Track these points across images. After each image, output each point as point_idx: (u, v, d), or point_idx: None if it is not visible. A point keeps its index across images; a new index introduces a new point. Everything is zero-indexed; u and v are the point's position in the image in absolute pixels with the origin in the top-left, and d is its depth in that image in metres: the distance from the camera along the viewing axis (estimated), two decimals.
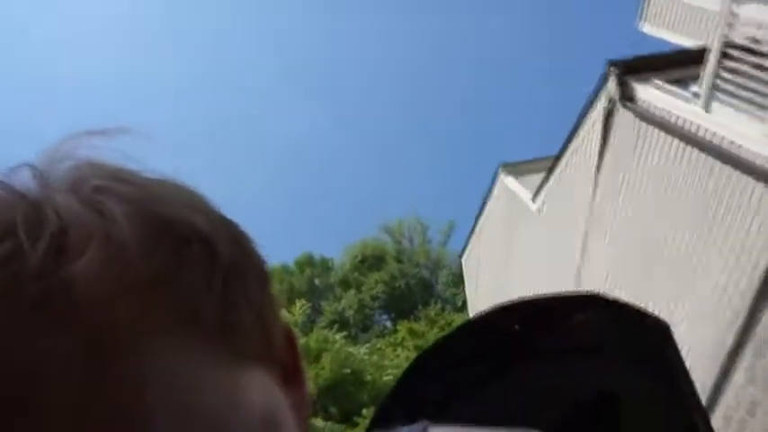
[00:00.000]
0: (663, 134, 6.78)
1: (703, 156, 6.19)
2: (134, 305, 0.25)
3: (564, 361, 2.23)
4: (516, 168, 11.28)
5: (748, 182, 5.65)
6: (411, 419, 0.48)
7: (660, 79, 7.24)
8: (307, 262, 31.14)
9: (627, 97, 7.36)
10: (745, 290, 5.83)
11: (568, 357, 2.26)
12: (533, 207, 10.16)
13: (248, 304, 0.30)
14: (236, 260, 0.30)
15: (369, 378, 21.21)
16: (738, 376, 6.09)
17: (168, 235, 0.27)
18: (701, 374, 6.14)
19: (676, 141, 6.60)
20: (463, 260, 13.98)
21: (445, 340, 2.41)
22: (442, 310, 25.38)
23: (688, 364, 2.59)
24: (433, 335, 16.81)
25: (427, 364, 2.19)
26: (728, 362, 6.11)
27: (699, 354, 6.28)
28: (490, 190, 11.84)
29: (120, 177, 0.29)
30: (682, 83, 7.09)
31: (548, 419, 2.28)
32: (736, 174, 5.81)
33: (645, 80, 7.31)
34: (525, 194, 10.48)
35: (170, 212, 0.28)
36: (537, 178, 10.18)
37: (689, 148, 6.41)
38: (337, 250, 32.88)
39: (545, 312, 2.26)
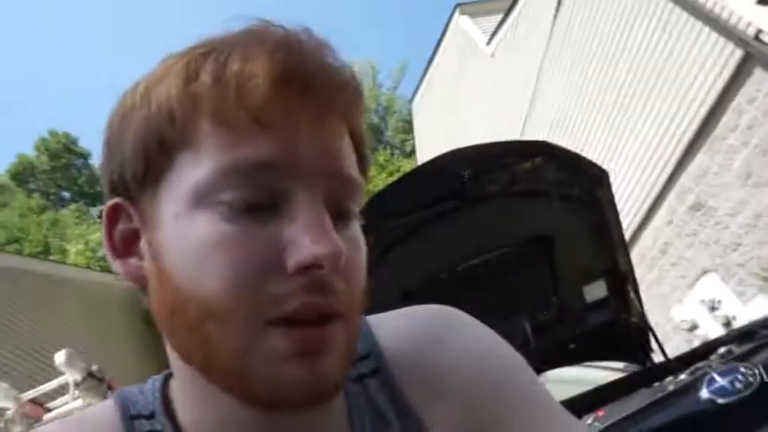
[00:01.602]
0: None
1: (660, 8, 6.02)
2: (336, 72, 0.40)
3: (509, 205, 2.30)
4: (472, 8, 10.72)
5: (700, 34, 5.61)
6: None
7: None
8: None
9: None
10: (678, 140, 6.11)
11: (513, 202, 2.34)
12: (488, 50, 9.88)
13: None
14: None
15: None
16: (659, 219, 6.65)
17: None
18: (629, 216, 6.66)
19: None
20: (413, 105, 13.82)
21: (399, 183, 2.42)
22: (392, 155, 25.67)
23: (621, 207, 2.70)
24: (382, 180, 17.17)
25: (380, 206, 2.22)
26: (653, 205, 6.62)
27: (630, 197, 6.74)
28: (444, 32, 11.34)
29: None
30: None
31: (490, 256, 2.41)
32: (688, 25, 5.74)
33: None
34: (480, 37, 10.12)
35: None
36: (494, 20, 9.77)
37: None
38: None
39: (495, 159, 2.28)
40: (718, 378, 1.35)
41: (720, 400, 1.29)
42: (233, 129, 0.36)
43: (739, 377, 1.32)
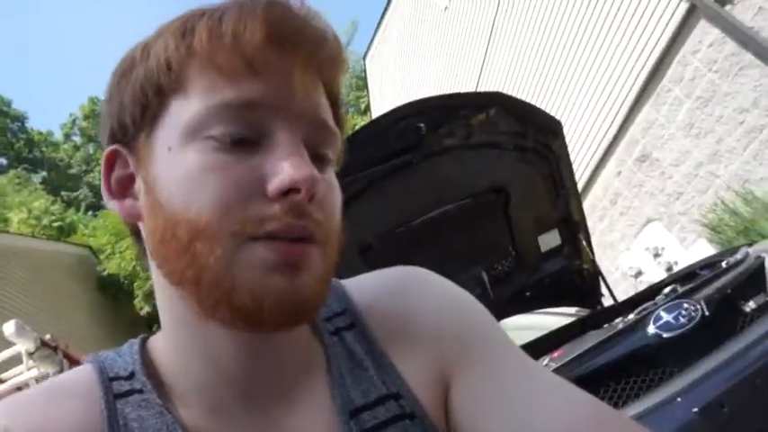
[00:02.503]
0: None
1: None
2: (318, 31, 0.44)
3: (465, 157, 2.31)
4: None
5: None
6: None
7: None
8: None
9: None
10: (627, 92, 6.25)
11: (469, 153, 2.34)
12: (441, 3, 9.73)
13: None
14: None
15: None
16: (609, 170, 6.86)
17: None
18: (581, 167, 6.84)
19: None
20: (367, 61, 13.58)
21: (354, 137, 2.38)
22: (346, 113, 25.43)
23: (573, 158, 2.75)
24: None
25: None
26: (604, 156, 6.81)
27: (582, 148, 6.90)
28: None
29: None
30: None
31: (447, 209, 2.43)
32: None
33: None
34: None
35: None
36: None
37: None
38: None
39: (450, 110, 2.26)
40: (663, 314, 1.42)
41: (665, 335, 1.36)
42: (225, 73, 0.41)
43: (683, 312, 1.40)
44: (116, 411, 0.43)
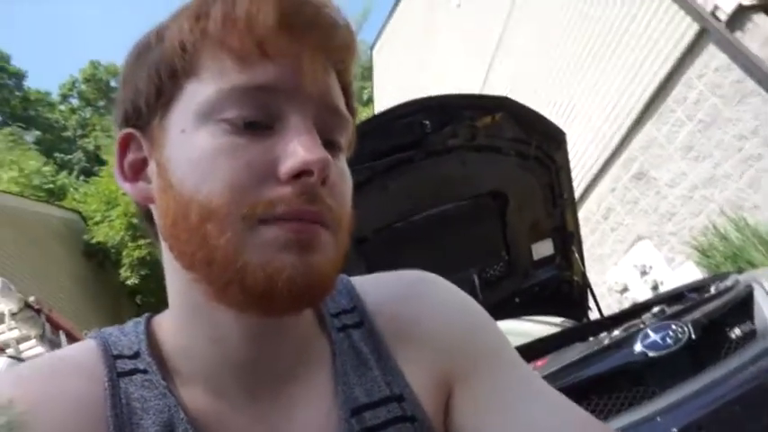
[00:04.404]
0: None
1: None
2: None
3: (467, 158, 2.31)
4: None
5: (661, 4, 5.68)
6: None
7: None
8: None
9: None
10: (630, 108, 6.28)
11: (471, 155, 2.35)
12: (454, 1, 9.70)
13: None
14: None
15: None
16: (604, 184, 6.90)
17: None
18: (578, 179, 6.87)
19: None
20: (374, 52, 13.52)
21: (359, 129, 2.36)
22: None
23: (571, 167, 2.74)
24: None
25: None
26: (601, 170, 6.85)
27: (581, 161, 6.93)
28: None
29: None
30: None
31: (444, 208, 2.43)
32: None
33: None
34: None
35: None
36: None
37: None
38: None
39: (456, 111, 2.26)
40: (651, 333, 1.44)
41: (651, 353, 1.38)
42: (238, 56, 0.41)
43: (670, 333, 1.42)
44: (119, 390, 0.43)
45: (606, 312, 2.67)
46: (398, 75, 11.94)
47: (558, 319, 2.90)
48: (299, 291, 0.40)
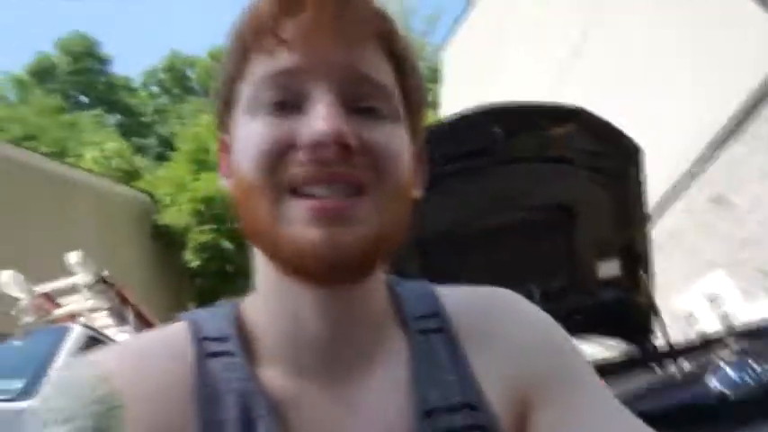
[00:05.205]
0: None
1: None
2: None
3: (537, 169, 2.25)
4: None
5: (752, 21, 5.34)
6: None
7: None
8: None
9: None
10: (711, 128, 5.94)
11: (541, 166, 2.28)
12: (530, 8, 9.50)
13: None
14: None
15: None
16: (679, 204, 6.56)
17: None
18: (654, 199, 6.56)
19: None
20: (444, 54, 13.45)
21: (431, 131, 2.35)
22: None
23: (652, 183, 2.58)
24: None
25: None
26: (675, 189, 6.52)
27: (653, 177, 6.61)
28: None
29: None
30: None
31: (510, 218, 2.37)
32: (739, 9, 5.45)
33: None
34: None
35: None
36: None
37: None
38: None
39: (529, 120, 2.20)
40: (727, 370, 1.34)
41: (728, 391, 1.28)
42: (264, 50, 0.45)
43: (749, 371, 1.32)
44: (205, 370, 0.46)
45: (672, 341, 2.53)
46: (469, 77, 11.82)
47: (618, 342, 2.77)
48: (329, 265, 0.42)
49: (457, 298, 0.56)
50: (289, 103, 0.45)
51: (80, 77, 27.46)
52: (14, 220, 8.75)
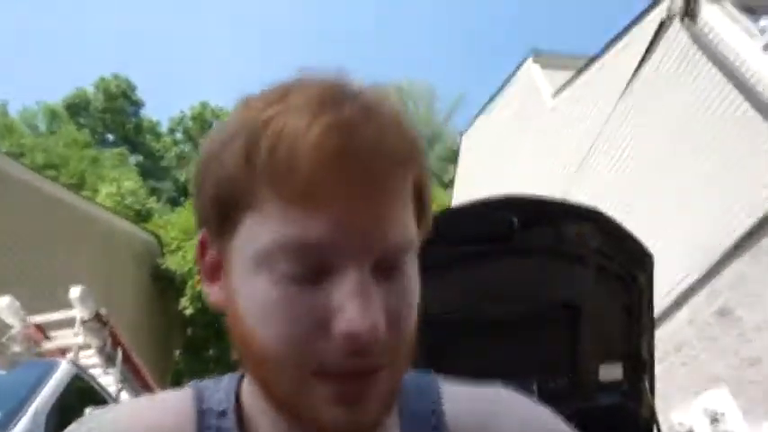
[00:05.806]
0: (709, 65, 6.41)
1: (742, 100, 5.93)
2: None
3: (547, 263, 2.27)
4: (547, 60, 10.72)
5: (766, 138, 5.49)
6: None
7: (732, 2, 6.63)
8: None
9: (689, 13, 6.80)
10: (720, 242, 5.97)
11: (552, 261, 2.30)
12: (550, 104, 9.86)
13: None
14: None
15: None
16: (682, 314, 6.49)
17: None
18: (658, 307, 6.50)
19: (719, 76, 6.26)
20: (464, 138, 13.84)
21: (452, 212, 2.40)
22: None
23: (657, 292, 2.58)
24: None
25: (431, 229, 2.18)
26: (680, 299, 6.47)
27: (658, 284, 6.58)
28: (514, 73, 11.36)
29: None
30: (753, 13, 6.52)
31: (518, 309, 2.36)
32: (754, 126, 5.62)
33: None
34: (547, 89, 10.11)
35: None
36: (564, 76, 9.75)
37: (729, 86, 6.10)
38: None
39: (547, 214, 2.25)
40: None
41: None
42: (285, 199, 0.40)
43: None
44: None
45: None
46: (485, 164, 12.09)
47: None
48: None
49: (457, 396, 0.55)
50: (315, 276, 0.41)
51: (111, 116, 28.42)
52: (19, 245, 8.77)
